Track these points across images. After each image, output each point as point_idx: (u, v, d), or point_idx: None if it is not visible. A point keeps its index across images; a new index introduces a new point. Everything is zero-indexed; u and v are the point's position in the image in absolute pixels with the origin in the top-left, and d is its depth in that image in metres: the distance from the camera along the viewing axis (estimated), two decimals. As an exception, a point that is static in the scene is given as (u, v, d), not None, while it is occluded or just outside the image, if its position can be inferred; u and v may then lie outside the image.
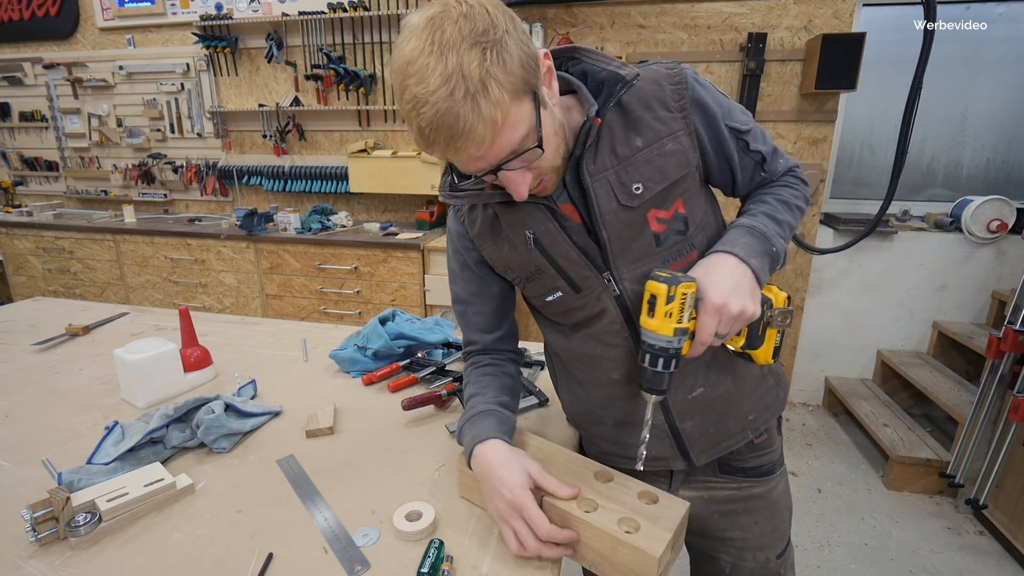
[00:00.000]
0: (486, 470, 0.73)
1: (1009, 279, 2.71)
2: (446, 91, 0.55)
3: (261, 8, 3.25)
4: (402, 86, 0.58)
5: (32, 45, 3.78)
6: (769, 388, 0.89)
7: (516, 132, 0.60)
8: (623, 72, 0.69)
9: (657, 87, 0.72)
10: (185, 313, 1.23)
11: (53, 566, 0.70)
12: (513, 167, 0.64)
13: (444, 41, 0.55)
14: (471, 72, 0.55)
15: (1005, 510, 2.03)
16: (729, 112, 0.76)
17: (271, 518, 0.80)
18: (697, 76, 0.75)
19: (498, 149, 0.60)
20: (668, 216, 0.74)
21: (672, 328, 0.67)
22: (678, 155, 0.72)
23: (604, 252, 0.74)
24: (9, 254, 3.70)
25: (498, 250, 0.81)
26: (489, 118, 0.56)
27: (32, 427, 1.05)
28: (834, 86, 2.50)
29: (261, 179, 3.56)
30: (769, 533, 0.93)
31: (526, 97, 0.60)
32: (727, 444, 0.86)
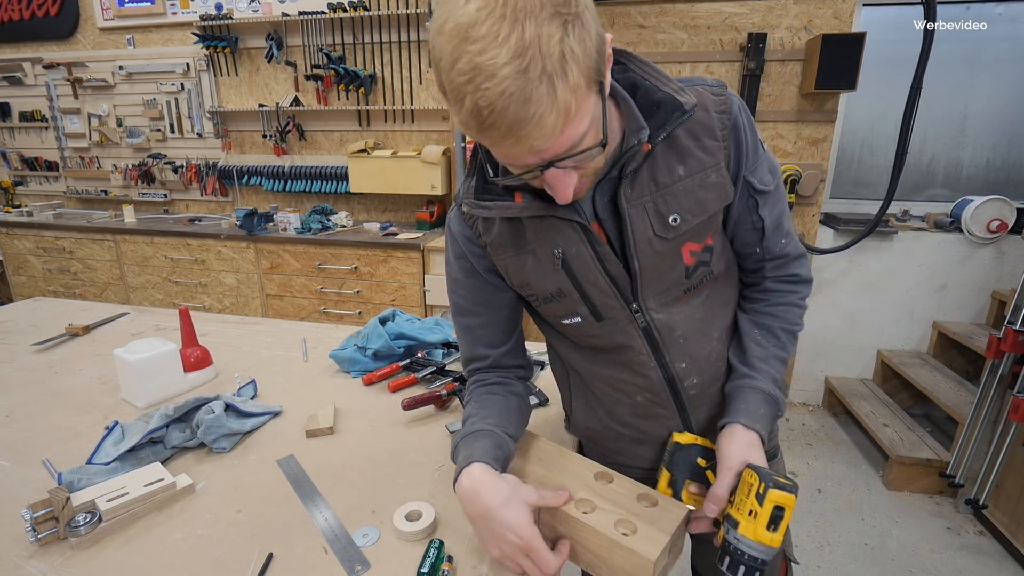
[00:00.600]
0: (482, 511, 0.65)
1: (1009, 279, 2.71)
2: (519, 66, 0.45)
3: (261, 8, 3.25)
4: (456, 53, 0.46)
5: (32, 45, 3.78)
6: None
7: (582, 125, 0.52)
8: (682, 99, 0.62)
9: (705, 114, 0.67)
10: (185, 313, 1.23)
11: (53, 566, 0.70)
12: (566, 165, 0.55)
13: (519, 5, 0.45)
14: (551, 48, 0.45)
15: (1005, 510, 2.03)
16: (755, 164, 0.71)
17: (271, 518, 0.80)
18: (743, 106, 0.70)
19: (562, 142, 0.51)
20: (699, 248, 0.71)
21: (779, 540, 0.60)
22: (719, 188, 0.69)
23: (634, 282, 0.70)
24: (9, 254, 3.70)
25: (519, 264, 0.73)
26: (564, 105, 0.48)
27: (32, 427, 1.05)
28: (834, 86, 2.50)
29: (261, 179, 3.56)
30: None
31: (595, 87, 0.51)
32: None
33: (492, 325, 0.81)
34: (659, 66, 0.67)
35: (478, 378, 0.84)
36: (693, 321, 0.76)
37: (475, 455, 0.69)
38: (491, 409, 0.77)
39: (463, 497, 0.68)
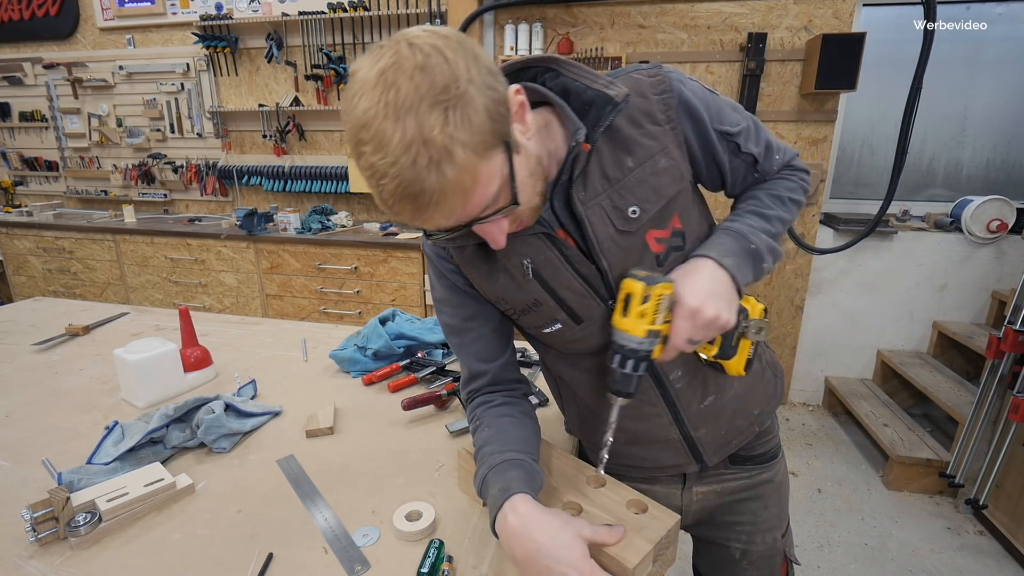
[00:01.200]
0: (535, 549, 0.61)
1: (1009, 279, 2.71)
2: (408, 161, 0.49)
3: (261, 8, 3.25)
4: (358, 152, 0.51)
5: (32, 45, 3.78)
6: (768, 380, 0.89)
7: (489, 189, 0.55)
8: (611, 92, 0.63)
9: (643, 100, 0.67)
10: (185, 313, 1.23)
11: (53, 566, 0.70)
12: (489, 221, 0.59)
13: (400, 102, 0.48)
14: (433, 138, 0.48)
15: (1005, 510, 2.03)
16: (719, 114, 0.72)
17: (271, 518, 0.80)
18: (683, 78, 0.71)
19: (471, 210, 0.55)
20: (667, 234, 0.71)
21: (645, 329, 0.64)
22: (672, 171, 0.69)
23: (606, 279, 0.71)
24: (9, 254, 3.70)
25: (492, 281, 0.74)
26: (457, 185, 0.51)
27: (32, 427, 1.05)
28: (834, 86, 2.50)
29: (261, 179, 3.56)
30: (776, 515, 0.94)
31: (496, 149, 0.54)
32: (737, 441, 0.87)
33: (484, 339, 0.81)
34: None
35: (484, 399, 0.82)
36: None
37: (513, 486, 0.66)
38: (510, 435, 0.75)
39: (510, 535, 0.62)
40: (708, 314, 0.64)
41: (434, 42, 0.50)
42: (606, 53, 2.87)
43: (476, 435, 0.78)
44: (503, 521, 0.64)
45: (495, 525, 0.65)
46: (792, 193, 0.78)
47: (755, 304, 0.74)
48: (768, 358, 0.90)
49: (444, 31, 0.53)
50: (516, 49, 2.92)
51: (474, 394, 0.84)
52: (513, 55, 2.93)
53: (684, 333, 0.65)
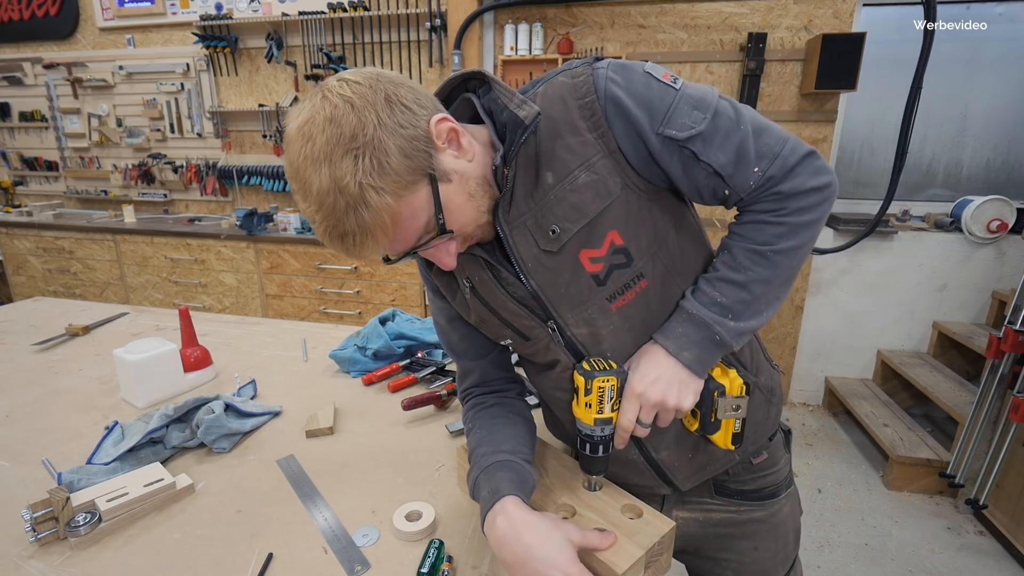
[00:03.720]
0: (522, 551, 0.60)
1: (1009, 279, 2.71)
2: (328, 206, 0.54)
3: (261, 8, 3.25)
4: (295, 196, 0.57)
5: (32, 45, 3.78)
6: (757, 406, 0.79)
7: (415, 222, 0.58)
8: (521, 114, 0.60)
9: (563, 108, 0.62)
10: (185, 313, 1.23)
11: (53, 566, 0.70)
12: (427, 246, 0.62)
13: (315, 154, 0.53)
14: (345, 185, 0.53)
15: (1005, 510, 2.03)
16: (667, 114, 0.61)
17: (271, 518, 0.80)
18: (618, 74, 0.62)
19: (402, 242, 0.59)
20: (602, 253, 0.65)
21: (592, 418, 0.67)
22: (594, 186, 0.63)
23: (539, 300, 0.69)
24: (9, 254, 3.70)
25: (451, 295, 0.77)
26: (376, 225, 0.55)
27: (32, 427, 1.05)
28: (834, 86, 2.50)
29: (261, 179, 3.56)
30: (770, 559, 0.87)
31: (419, 184, 0.57)
32: (712, 467, 0.81)
33: (468, 337, 0.82)
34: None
35: (476, 400, 0.83)
36: (626, 331, 0.70)
37: (503, 488, 0.66)
38: (501, 434, 0.75)
39: (499, 537, 0.62)
40: (653, 397, 0.64)
41: (344, 92, 0.54)
42: (606, 53, 2.87)
43: (469, 437, 0.79)
44: (492, 523, 0.64)
45: (485, 522, 0.66)
46: (778, 242, 0.63)
47: (734, 378, 0.70)
48: (764, 382, 0.80)
49: (360, 77, 0.56)
50: (516, 49, 2.92)
51: (468, 395, 0.85)
52: (513, 55, 2.93)
53: (629, 414, 0.66)
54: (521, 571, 0.61)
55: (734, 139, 0.61)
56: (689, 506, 0.86)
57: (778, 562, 0.89)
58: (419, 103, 0.58)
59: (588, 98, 0.62)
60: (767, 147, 0.62)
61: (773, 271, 0.64)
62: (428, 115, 0.58)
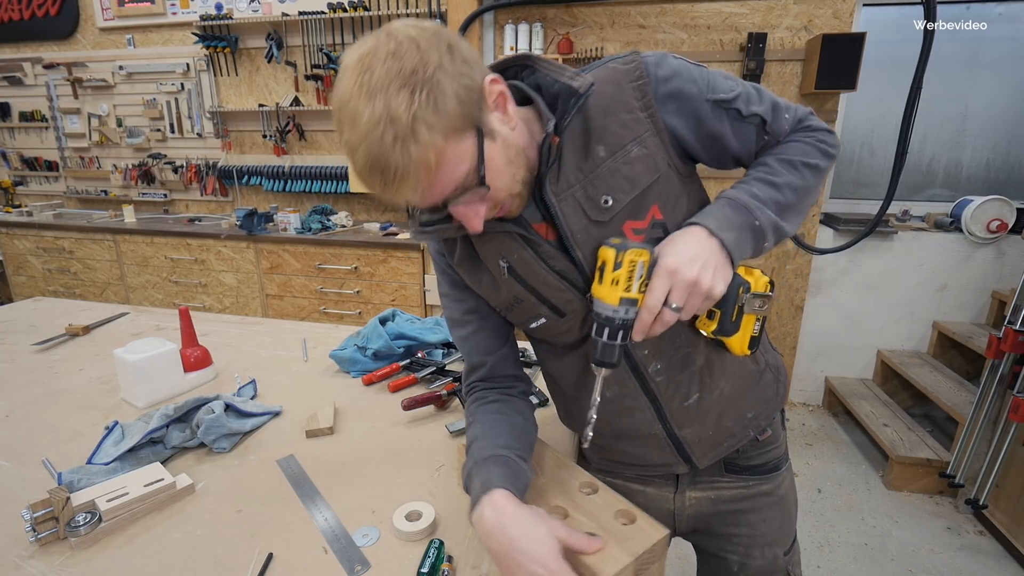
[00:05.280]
0: (506, 542, 0.61)
1: (1009, 279, 2.71)
2: (376, 136, 0.54)
3: (261, 8, 3.25)
4: (338, 130, 0.58)
5: (32, 45, 3.78)
6: (767, 384, 0.85)
7: (457, 170, 0.58)
8: (575, 84, 0.64)
9: (616, 89, 0.67)
10: (185, 313, 1.23)
11: (53, 566, 0.70)
12: (460, 203, 0.62)
13: (372, 84, 0.53)
14: (399, 116, 0.53)
15: (1005, 510, 2.03)
16: (709, 84, 0.69)
17: (271, 518, 0.80)
18: (661, 59, 0.68)
19: (439, 188, 0.59)
20: (645, 225, 0.69)
21: (618, 296, 0.62)
22: (645, 160, 0.67)
23: (582, 271, 0.71)
24: (9, 254, 3.70)
25: (478, 281, 0.78)
26: (421, 162, 0.55)
27: (32, 427, 1.05)
28: (834, 86, 2.50)
29: (261, 179, 3.56)
30: (777, 530, 0.91)
31: (467, 134, 0.58)
32: (729, 444, 0.84)
33: (483, 331, 0.83)
34: None
35: (478, 396, 0.84)
36: None
37: (494, 481, 0.67)
38: (498, 430, 0.76)
39: (486, 529, 0.64)
40: (688, 275, 0.60)
41: (409, 32, 0.55)
42: (606, 53, 2.86)
43: (468, 431, 0.80)
44: (480, 515, 0.65)
45: (473, 518, 0.66)
46: (806, 157, 0.71)
47: (759, 277, 0.69)
48: (771, 361, 0.86)
49: (424, 24, 0.58)
50: (516, 49, 2.92)
51: (472, 389, 0.86)
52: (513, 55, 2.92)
53: (659, 293, 0.61)
54: (505, 562, 0.62)
55: (766, 96, 0.72)
56: (701, 486, 0.89)
57: (784, 533, 0.92)
58: (476, 61, 0.60)
59: (641, 80, 0.67)
60: (783, 103, 0.73)
61: (803, 181, 0.70)
62: (484, 73, 0.60)
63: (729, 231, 0.64)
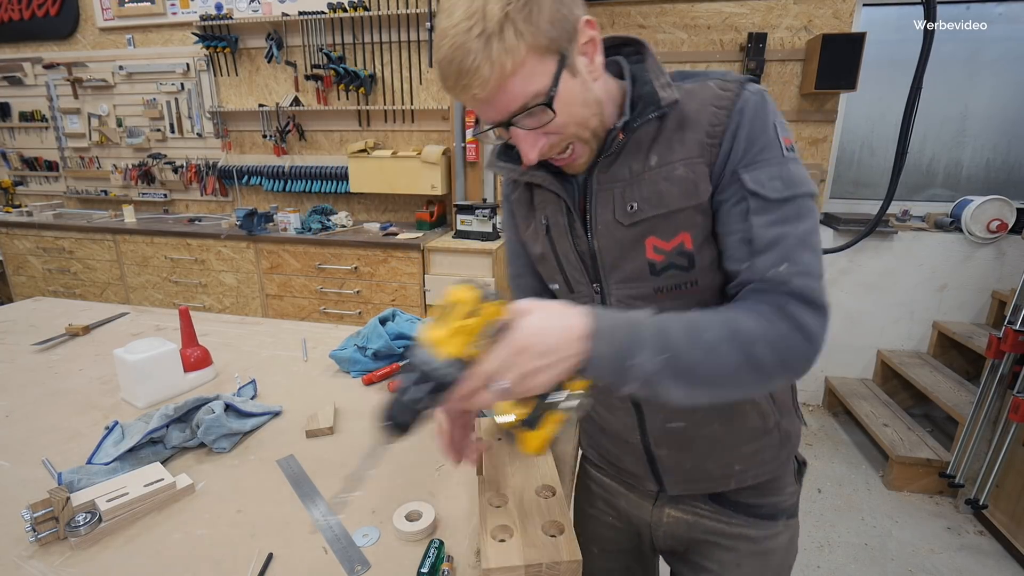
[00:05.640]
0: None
1: (1009, 279, 2.71)
2: (465, 27, 0.55)
3: (261, 8, 3.25)
4: (436, 20, 0.59)
5: (32, 45, 3.78)
6: (769, 446, 0.79)
7: (529, 85, 0.58)
8: (661, 94, 0.64)
9: (699, 107, 0.65)
10: (185, 313, 1.23)
11: (53, 566, 0.70)
12: (523, 124, 0.61)
13: None
14: (492, 13, 0.55)
15: (1005, 510, 2.03)
16: (757, 160, 0.61)
17: (271, 518, 0.80)
18: (761, 105, 0.63)
19: (506, 99, 0.59)
20: (669, 248, 0.67)
21: (461, 350, 0.51)
22: (685, 183, 0.64)
23: (596, 262, 0.72)
24: (9, 254, 3.70)
25: (526, 226, 0.81)
26: (497, 61, 0.55)
27: (32, 427, 1.05)
28: (834, 86, 2.50)
29: (261, 179, 3.56)
30: None
31: (549, 56, 0.58)
32: (706, 485, 0.80)
33: (524, 277, 0.88)
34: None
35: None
36: None
37: None
38: None
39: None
40: (530, 365, 0.52)
41: None
42: (606, 53, 2.87)
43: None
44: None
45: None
46: (757, 351, 0.56)
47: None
48: (785, 425, 0.79)
49: None
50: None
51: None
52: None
53: (498, 365, 0.52)
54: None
55: (790, 230, 0.60)
56: (681, 506, 0.85)
57: None
58: (577, 3, 0.60)
59: (723, 110, 0.64)
60: (805, 261, 0.59)
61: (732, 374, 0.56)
62: (582, 13, 0.60)
63: (606, 348, 0.54)
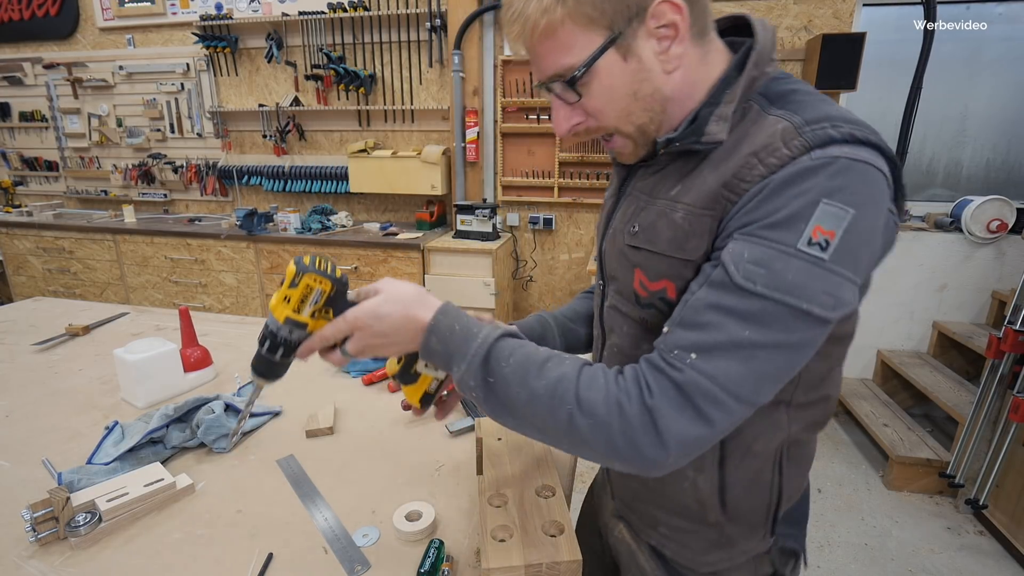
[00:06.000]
0: None
1: (1009, 279, 2.71)
2: None
3: (261, 8, 3.25)
4: None
5: (32, 45, 3.78)
6: (704, 539, 0.68)
7: (560, 56, 0.54)
8: (707, 128, 0.54)
9: (748, 153, 0.51)
10: (185, 313, 1.23)
11: (53, 566, 0.70)
12: (555, 90, 0.58)
13: None
14: None
15: (1005, 510, 2.03)
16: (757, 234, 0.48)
17: (271, 518, 0.80)
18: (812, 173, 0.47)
19: (539, 59, 0.56)
20: (652, 289, 0.60)
21: (284, 315, 0.62)
22: (676, 232, 0.56)
23: (602, 260, 0.72)
24: (9, 254, 3.70)
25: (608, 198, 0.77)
26: (531, 19, 0.53)
27: (32, 427, 1.05)
28: (834, 86, 2.50)
29: (261, 179, 3.56)
30: None
31: (596, 30, 0.52)
32: (639, 521, 0.74)
33: None
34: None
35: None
36: (637, 340, 0.66)
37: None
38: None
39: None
40: (368, 342, 0.62)
41: None
42: (606, 53, 2.87)
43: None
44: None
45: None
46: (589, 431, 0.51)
47: None
48: (732, 532, 0.67)
49: None
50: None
51: None
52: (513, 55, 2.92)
53: (335, 334, 0.63)
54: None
55: (730, 324, 0.48)
56: (630, 530, 0.79)
57: None
58: None
59: (765, 167, 0.50)
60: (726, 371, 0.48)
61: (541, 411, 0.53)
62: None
63: (437, 346, 0.59)
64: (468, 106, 3.07)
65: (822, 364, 0.59)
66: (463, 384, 0.58)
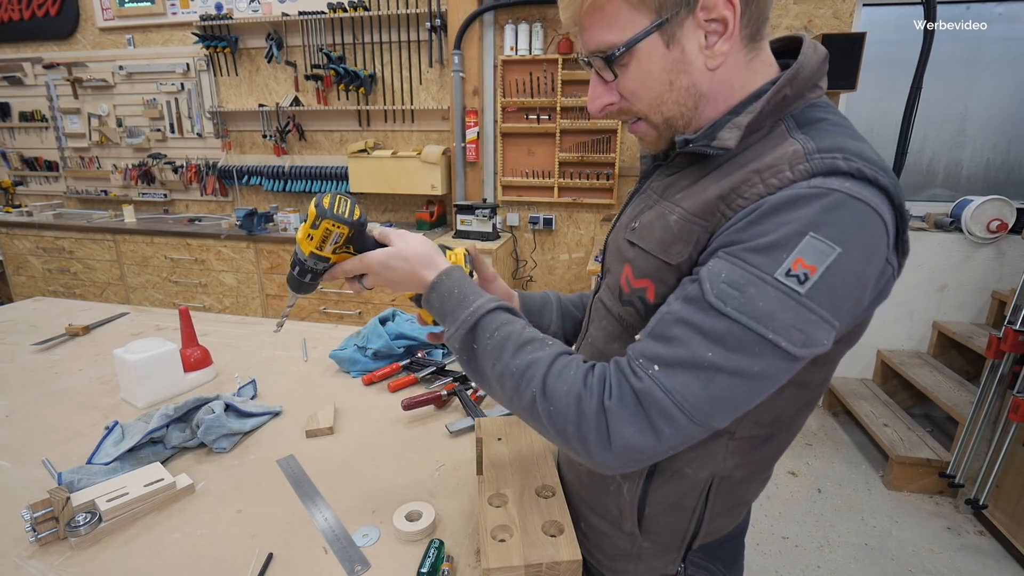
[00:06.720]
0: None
1: (1009, 279, 2.71)
2: None
3: (261, 8, 3.25)
4: None
5: (32, 45, 3.78)
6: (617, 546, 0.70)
7: (603, 32, 0.54)
8: (720, 133, 0.53)
9: (752, 170, 0.51)
10: (185, 313, 1.23)
11: (53, 566, 0.70)
12: (594, 65, 0.58)
13: None
14: None
15: (1005, 510, 2.03)
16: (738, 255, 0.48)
17: (271, 518, 0.80)
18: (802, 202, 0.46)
19: (585, 32, 0.56)
20: (634, 286, 0.60)
21: (309, 251, 0.69)
22: (666, 233, 0.56)
23: (605, 252, 0.73)
24: (9, 254, 3.70)
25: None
26: None
27: (32, 427, 1.05)
28: (834, 86, 2.50)
29: (261, 179, 3.56)
30: None
31: (645, 12, 0.52)
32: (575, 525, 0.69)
33: None
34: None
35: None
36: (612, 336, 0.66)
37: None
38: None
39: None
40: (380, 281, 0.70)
41: None
42: (606, 53, 2.87)
43: None
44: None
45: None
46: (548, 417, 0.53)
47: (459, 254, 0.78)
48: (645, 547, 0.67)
49: None
50: (516, 49, 2.92)
51: None
52: (513, 55, 2.93)
53: (354, 271, 0.71)
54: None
55: (696, 340, 0.48)
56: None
57: None
58: None
59: (765, 186, 0.49)
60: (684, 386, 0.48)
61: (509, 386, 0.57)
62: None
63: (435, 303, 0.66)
64: (468, 106, 3.07)
65: (777, 403, 0.57)
66: (450, 342, 0.63)
